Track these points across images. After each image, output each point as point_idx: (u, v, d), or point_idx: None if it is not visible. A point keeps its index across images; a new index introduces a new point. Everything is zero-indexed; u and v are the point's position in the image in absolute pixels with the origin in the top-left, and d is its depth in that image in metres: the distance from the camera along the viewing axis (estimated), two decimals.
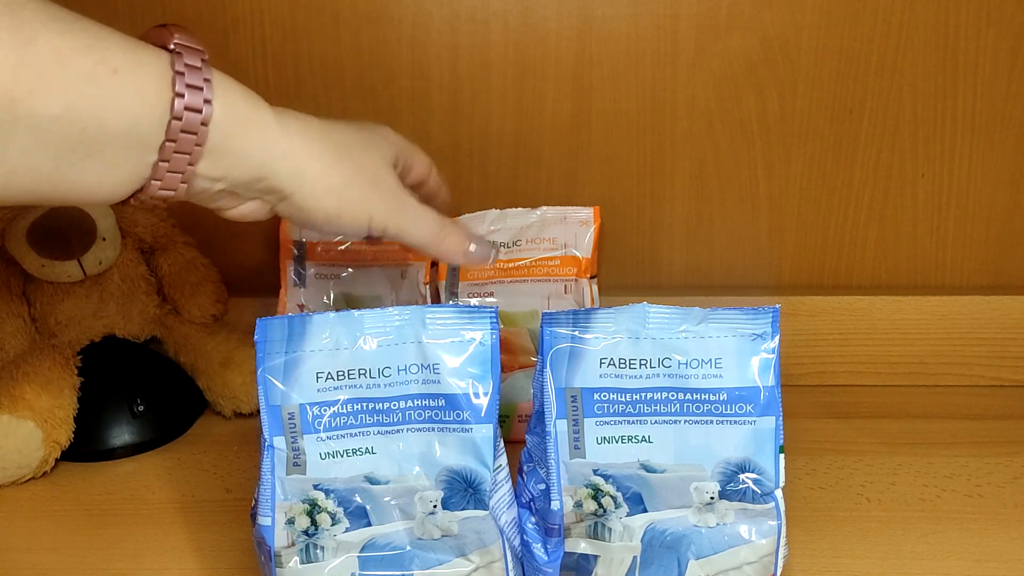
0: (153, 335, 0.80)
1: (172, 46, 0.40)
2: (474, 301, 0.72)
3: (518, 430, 0.73)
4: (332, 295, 0.75)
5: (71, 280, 0.72)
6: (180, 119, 0.38)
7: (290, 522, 0.46)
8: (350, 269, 0.75)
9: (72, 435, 0.69)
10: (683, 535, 0.49)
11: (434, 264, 0.75)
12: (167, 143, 0.38)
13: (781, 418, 0.49)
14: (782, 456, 0.49)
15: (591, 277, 0.73)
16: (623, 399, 0.49)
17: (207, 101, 0.39)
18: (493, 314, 0.47)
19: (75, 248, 0.70)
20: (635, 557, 0.49)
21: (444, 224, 0.49)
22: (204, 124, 0.39)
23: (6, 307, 0.75)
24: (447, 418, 0.47)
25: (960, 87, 0.77)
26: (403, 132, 0.79)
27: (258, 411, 0.77)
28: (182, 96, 0.38)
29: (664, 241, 0.83)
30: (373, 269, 0.75)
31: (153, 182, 0.39)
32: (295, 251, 0.75)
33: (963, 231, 0.81)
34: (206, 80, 0.39)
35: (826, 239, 0.82)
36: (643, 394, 0.49)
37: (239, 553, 0.57)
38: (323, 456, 0.46)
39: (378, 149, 0.47)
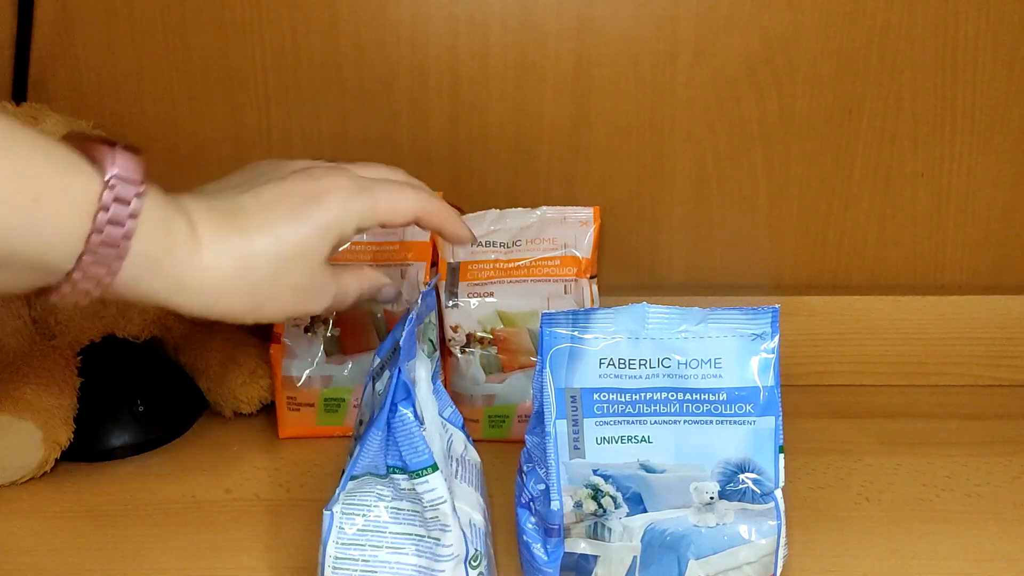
0: (153, 335, 0.80)
1: (107, 176, 0.38)
2: (474, 301, 0.73)
3: (518, 430, 0.73)
4: None
5: None
6: (101, 232, 0.37)
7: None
8: None
9: (72, 435, 0.69)
10: (683, 535, 0.49)
11: (433, 263, 0.75)
12: (75, 272, 0.37)
13: (781, 418, 0.49)
14: (782, 456, 0.49)
15: (591, 277, 0.73)
16: (623, 399, 0.49)
17: (126, 237, 0.38)
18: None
19: None
20: (635, 557, 0.49)
21: (364, 284, 0.49)
22: (127, 238, 0.38)
23: (6, 307, 0.75)
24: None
25: (960, 87, 0.77)
26: (403, 133, 0.80)
27: (258, 411, 0.77)
28: (100, 232, 0.37)
29: (664, 241, 0.83)
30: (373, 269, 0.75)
31: (64, 287, 0.38)
32: None
33: (963, 231, 0.81)
34: (131, 216, 0.38)
35: (826, 239, 0.82)
36: (643, 394, 0.49)
37: (239, 553, 0.58)
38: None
39: (305, 263, 0.44)
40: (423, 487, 0.48)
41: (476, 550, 0.50)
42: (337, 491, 0.50)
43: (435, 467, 0.48)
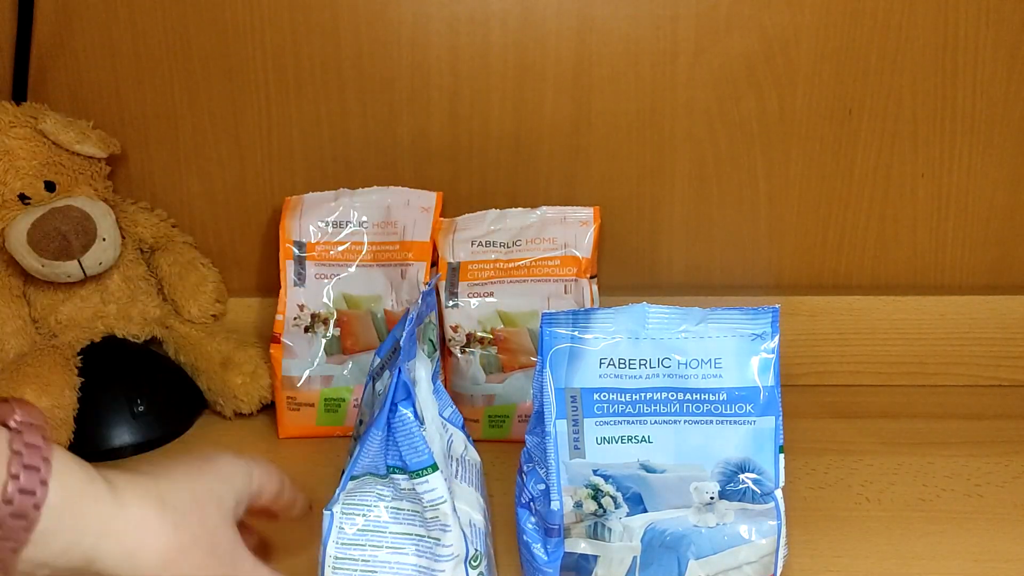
0: (153, 335, 0.80)
1: (12, 424, 0.38)
2: (474, 301, 0.73)
3: (518, 430, 0.73)
4: (332, 295, 0.75)
5: (71, 280, 0.72)
6: (11, 503, 0.36)
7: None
8: (350, 269, 0.75)
9: (72, 435, 0.69)
10: (683, 535, 0.49)
11: (433, 263, 0.75)
12: None
13: (781, 418, 0.49)
14: (782, 456, 0.49)
15: (591, 277, 0.73)
16: (623, 399, 0.49)
17: (43, 482, 0.37)
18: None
19: (75, 248, 0.70)
20: (635, 557, 0.49)
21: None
22: (36, 507, 0.36)
23: (6, 307, 0.75)
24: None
25: (960, 87, 0.77)
26: (403, 132, 0.80)
27: (258, 411, 0.77)
28: (16, 478, 0.36)
29: (664, 241, 0.83)
30: (373, 269, 0.75)
31: None
32: (295, 251, 0.75)
33: (963, 231, 0.81)
34: (44, 459, 0.37)
35: (826, 239, 0.82)
36: (643, 394, 0.49)
37: None
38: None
39: (218, 504, 0.44)
40: (423, 487, 0.48)
41: (476, 550, 0.50)
42: (337, 491, 0.50)
43: (435, 467, 0.48)
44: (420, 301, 0.53)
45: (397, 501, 0.50)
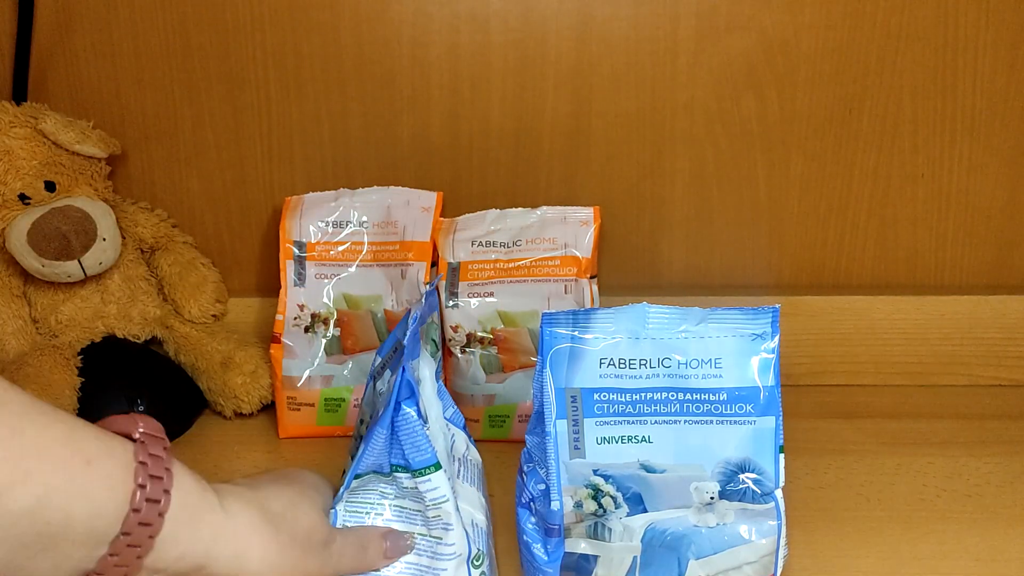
0: (153, 335, 0.80)
1: (136, 435, 0.40)
2: (474, 301, 0.73)
3: (518, 430, 0.73)
4: (332, 295, 0.75)
5: (71, 280, 0.72)
6: (139, 511, 0.38)
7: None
8: (350, 269, 0.75)
9: None
10: (683, 535, 0.49)
11: (433, 263, 0.75)
12: (121, 536, 0.38)
13: (781, 418, 0.49)
14: (782, 456, 0.49)
15: (591, 277, 0.73)
16: (623, 399, 0.49)
17: (166, 491, 0.39)
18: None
19: (75, 248, 0.70)
20: (635, 557, 0.49)
21: (364, 547, 0.49)
22: (161, 515, 0.39)
23: (6, 307, 0.75)
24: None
25: (960, 87, 0.77)
26: (403, 132, 0.80)
27: (258, 411, 0.77)
28: (144, 487, 0.38)
29: (664, 241, 0.83)
30: (373, 269, 0.75)
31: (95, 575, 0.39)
32: (295, 251, 0.75)
33: (963, 231, 0.81)
34: (167, 469, 0.40)
35: (826, 239, 0.82)
36: (643, 394, 0.49)
37: None
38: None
39: (312, 504, 0.48)
40: (425, 486, 0.48)
41: (479, 550, 0.50)
42: (341, 489, 0.50)
43: (438, 466, 0.48)
44: (423, 301, 0.53)
45: (400, 499, 0.50)
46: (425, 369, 0.53)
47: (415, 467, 0.48)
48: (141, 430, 0.40)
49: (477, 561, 0.50)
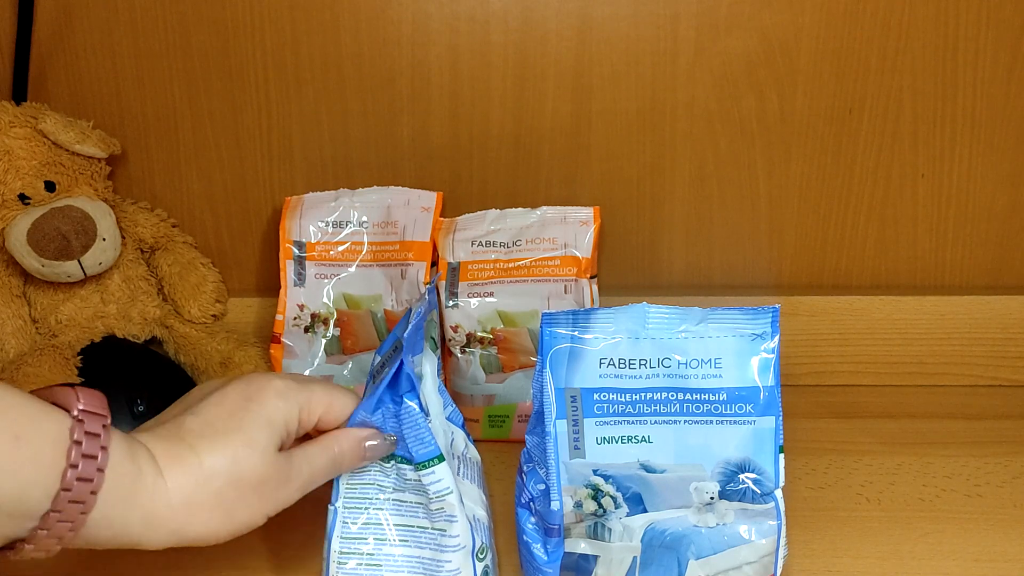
0: (153, 335, 0.80)
1: (75, 412, 0.40)
2: (474, 301, 0.73)
3: (518, 430, 0.73)
4: (332, 295, 0.75)
5: (71, 280, 0.72)
6: (70, 489, 0.38)
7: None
8: (350, 269, 0.75)
9: None
10: (683, 535, 0.49)
11: (433, 263, 0.75)
12: (51, 513, 0.38)
13: (781, 418, 0.49)
14: (782, 456, 0.49)
15: (591, 277, 0.73)
16: (623, 399, 0.49)
17: (100, 470, 0.39)
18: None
19: (75, 248, 0.70)
20: (635, 557, 0.49)
21: (335, 451, 0.48)
22: (93, 493, 0.39)
23: (6, 307, 0.75)
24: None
25: (960, 87, 0.77)
26: (403, 132, 0.80)
27: None
28: (75, 467, 0.38)
29: (664, 241, 0.83)
30: (373, 269, 0.75)
31: (26, 546, 0.39)
32: (295, 251, 0.75)
33: (963, 231, 0.81)
34: (103, 448, 0.39)
35: (826, 239, 0.82)
36: (643, 394, 0.49)
37: (242, 552, 0.57)
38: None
39: (260, 455, 0.45)
40: (429, 478, 0.48)
41: (483, 543, 0.50)
42: (336, 481, 0.50)
43: (441, 458, 0.48)
44: (424, 298, 0.53)
45: (400, 492, 0.50)
46: (427, 365, 0.53)
47: (419, 460, 0.48)
48: (81, 407, 0.40)
49: (481, 554, 0.50)
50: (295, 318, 0.74)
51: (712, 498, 0.49)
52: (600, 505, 0.49)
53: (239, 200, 0.83)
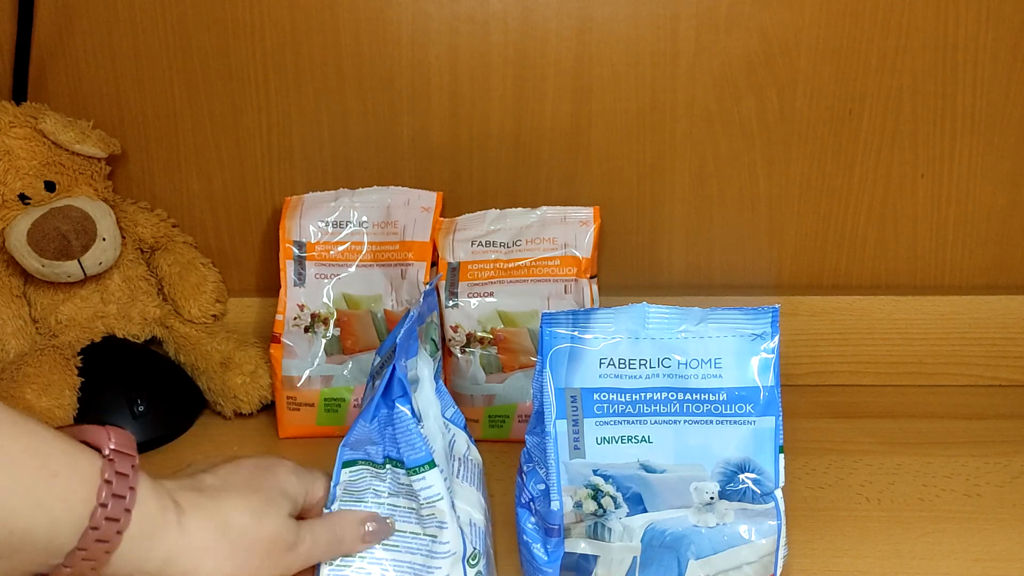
0: (153, 335, 0.80)
1: (107, 452, 0.40)
2: (474, 301, 0.73)
3: (518, 430, 0.73)
4: (332, 295, 0.75)
5: (71, 280, 0.72)
6: (98, 528, 0.39)
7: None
8: (350, 269, 0.75)
9: None
10: (683, 535, 0.49)
11: (433, 263, 0.75)
12: (77, 551, 0.39)
13: (781, 418, 0.49)
14: (782, 456, 0.49)
15: (591, 277, 0.73)
16: (623, 399, 0.49)
17: (127, 510, 0.40)
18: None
19: (75, 248, 0.70)
20: (635, 557, 0.49)
21: (337, 531, 0.49)
22: (119, 533, 0.39)
23: (6, 307, 0.75)
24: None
25: (960, 87, 0.77)
26: (403, 132, 0.80)
27: (258, 411, 0.77)
28: (106, 506, 0.39)
29: (664, 241, 0.83)
30: (373, 269, 0.75)
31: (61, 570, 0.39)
32: (295, 251, 0.75)
33: (963, 231, 0.81)
34: (131, 488, 0.40)
35: (826, 239, 0.82)
36: (643, 394, 0.49)
37: None
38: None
39: (277, 511, 0.47)
40: (420, 484, 0.48)
41: (475, 548, 0.50)
42: (332, 484, 0.50)
43: (432, 464, 0.48)
44: (421, 300, 0.53)
45: (394, 497, 0.50)
46: (424, 369, 0.53)
47: (409, 465, 0.48)
48: (112, 447, 0.41)
49: (473, 560, 0.50)
50: (295, 318, 0.74)
51: (712, 498, 0.49)
52: (600, 505, 0.49)
53: (239, 200, 0.83)
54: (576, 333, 0.49)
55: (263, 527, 0.46)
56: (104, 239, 0.72)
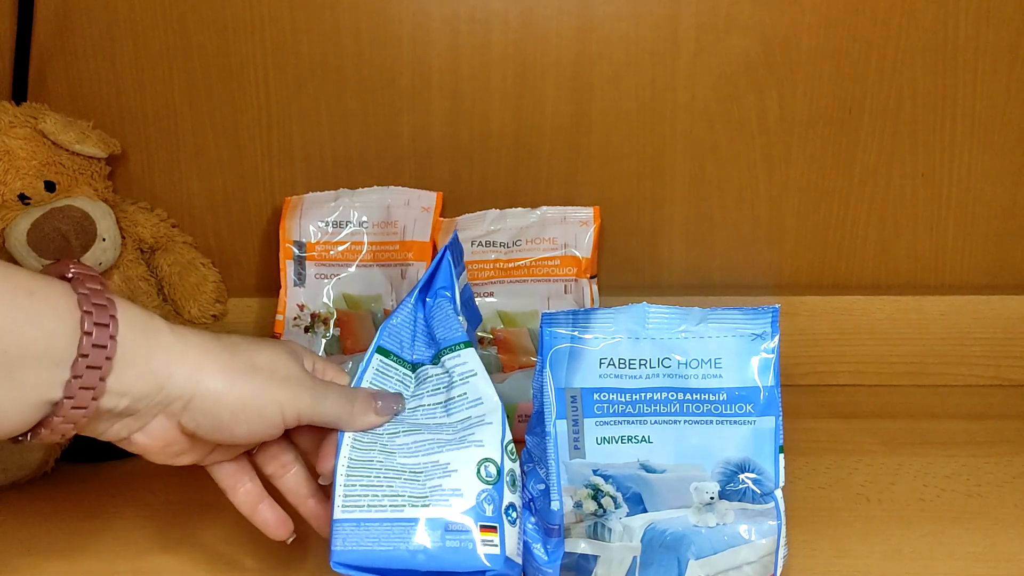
0: None
1: (70, 275, 0.42)
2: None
3: (518, 430, 0.73)
4: (332, 295, 0.75)
5: None
6: (91, 334, 0.40)
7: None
8: (350, 269, 0.75)
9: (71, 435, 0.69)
10: (683, 535, 0.49)
11: None
12: (79, 358, 0.40)
13: (781, 418, 0.49)
14: (782, 456, 0.49)
15: (591, 277, 0.73)
16: (623, 399, 0.49)
17: (112, 316, 0.41)
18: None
19: (75, 248, 0.70)
20: (635, 557, 0.49)
21: (351, 397, 0.49)
22: (112, 337, 0.41)
23: None
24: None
25: (960, 87, 0.77)
26: (403, 132, 0.80)
27: None
28: (90, 313, 0.40)
29: (664, 241, 0.83)
30: (373, 269, 0.75)
31: (65, 401, 0.40)
32: (295, 251, 0.75)
33: (963, 231, 0.81)
34: (108, 299, 0.42)
35: (826, 239, 0.82)
36: (643, 394, 0.49)
37: (241, 553, 0.58)
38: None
39: (281, 349, 0.48)
40: (454, 361, 0.49)
41: (512, 445, 0.49)
42: (361, 367, 0.51)
43: (468, 343, 0.49)
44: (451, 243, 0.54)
45: (417, 399, 0.50)
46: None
47: (444, 345, 0.49)
48: (73, 270, 0.42)
49: (511, 453, 0.49)
50: (295, 318, 0.74)
51: (712, 498, 0.49)
52: (600, 505, 0.49)
53: (239, 200, 0.83)
54: (576, 333, 0.49)
55: (261, 352, 0.46)
56: (104, 239, 0.72)
